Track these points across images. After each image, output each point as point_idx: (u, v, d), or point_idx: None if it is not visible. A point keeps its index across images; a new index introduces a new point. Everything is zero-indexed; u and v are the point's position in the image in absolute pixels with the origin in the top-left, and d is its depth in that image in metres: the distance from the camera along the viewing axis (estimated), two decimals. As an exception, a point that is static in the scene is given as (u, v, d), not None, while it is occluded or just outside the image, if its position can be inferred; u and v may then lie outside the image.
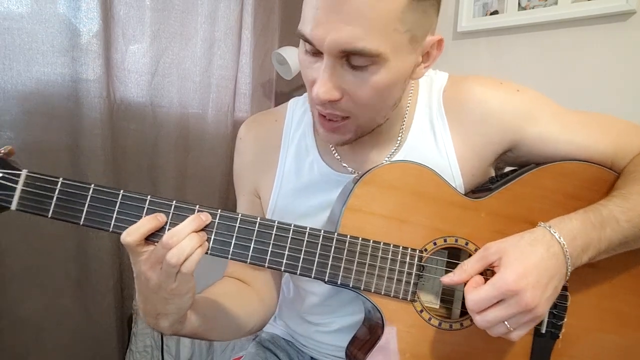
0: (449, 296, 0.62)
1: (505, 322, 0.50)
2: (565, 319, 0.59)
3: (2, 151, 0.54)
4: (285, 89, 1.83)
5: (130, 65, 1.36)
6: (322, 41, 0.50)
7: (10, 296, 1.18)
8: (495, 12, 1.45)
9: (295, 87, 1.85)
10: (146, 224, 0.51)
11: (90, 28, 1.22)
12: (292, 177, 0.70)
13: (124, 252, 1.40)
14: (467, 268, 0.53)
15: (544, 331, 0.59)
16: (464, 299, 0.52)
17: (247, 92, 1.67)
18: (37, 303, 1.23)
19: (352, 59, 0.51)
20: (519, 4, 1.40)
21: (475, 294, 0.50)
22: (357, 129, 0.59)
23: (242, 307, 0.70)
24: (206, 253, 0.53)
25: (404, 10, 0.49)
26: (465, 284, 0.53)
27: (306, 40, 0.52)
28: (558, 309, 0.59)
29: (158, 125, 1.44)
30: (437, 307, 0.61)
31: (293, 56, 1.54)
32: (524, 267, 0.50)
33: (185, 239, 0.50)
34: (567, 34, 1.32)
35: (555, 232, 0.52)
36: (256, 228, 0.55)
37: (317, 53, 0.53)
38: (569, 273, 0.52)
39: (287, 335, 0.83)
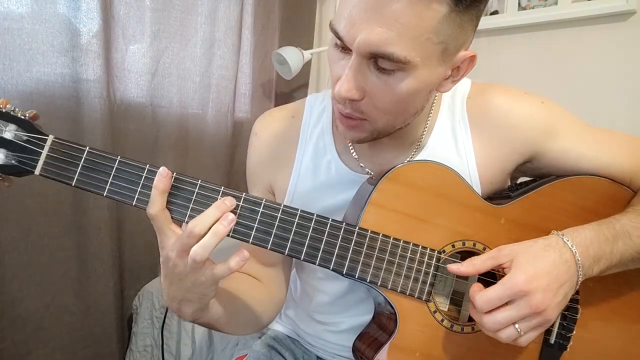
0: (459, 298, 0.63)
1: (516, 326, 0.50)
2: (574, 331, 0.59)
3: (28, 114, 0.53)
4: (285, 89, 1.83)
5: (130, 65, 1.36)
6: (352, 39, 0.49)
7: (11, 295, 1.18)
8: (495, 12, 1.45)
9: (295, 87, 1.85)
10: (159, 190, 0.51)
11: (90, 28, 1.22)
12: (309, 175, 0.70)
13: (124, 251, 1.40)
14: (476, 263, 0.54)
15: (552, 341, 0.59)
16: None
17: (247, 92, 1.67)
18: (37, 302, 1.23)
19: (379, 61, 0.50)
20: (519, 4, 1.39)
21: (485, 294, 0.50)
22: (373, 131, 0.59)
23: (257, 302, 0.70)
24: (228, 235, 0.53)
25: (441, 21, 0.48)
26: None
27: (337, 36, 0.51)
28: (568, 321, 0.59)
29: (158, 125, 1.44)
30: (446, 309, 0.61)
31: (293, 56, 1.54)
32: (535, 269, 0.50)
33: (208, 234, 0.50)
34: (567, 34, 1.32)
35: (568, 241, 0.53)
36: (279, 214, 0.54)
37: (345, 49, 0.52)
38: (579, 282, 0.53)
39: (294, 334, 0.83)
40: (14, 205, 1.16)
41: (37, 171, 0.52)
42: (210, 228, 0.50)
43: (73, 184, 0.52)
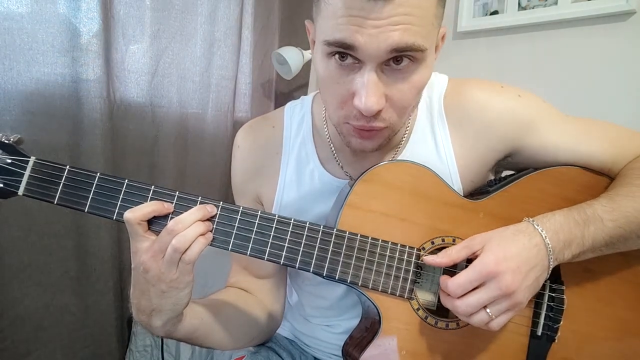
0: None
1: (487, 310, 0.50)
2: (561, 322, 0.59)
3: (12, 139, 0.55)
4: (285, 89, 1.83)
5: (130, 65, 1.36)
6: (368, 46, 0.48)
7: (10, 295, 1.18)
8: (495, 12, 1.45)
9: (295, 87, 1.85)
10: (150, 205, 0.52)
11: (90, 28, 1.22)
12: (293, 186, 0.69)
13: (124, 251, 1.40)
14: (451, 253, 0.54)
15: (539, 333, 0.59)
16: None
17: (247, 92, 1.67)
18: (37, 302, 1.23)
19: (392, 62, 0.50)
20: (519, 4, 1.39)
21: (456, 278, 0.51)
22: (390, 135, 0.58)
23: (244, 315, 0.69)
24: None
25: (437, 5, 0.50)
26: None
27: (346, 48, 0.49)
28: (554, 312, 0.59)
29: (158, 125, 1.44)
30: (435, 307, 0.61)
31: (293, 56, 1.54)
32: (504, 252, 0.51)
33: (190, 227, 0.51)
34: (567, 34, 1.32)
35: (538, 226, 0.54)
36: (257, 221, 0.55)
37: (353, 63, 0.50)
38: (551, 266, 0.53)
39: (291, 335, 0.83)
40: (14, 205, 1.16)
41: (20, 192, 0.54)
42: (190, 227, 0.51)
43: (55, 202, 0.54)
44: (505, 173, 0.71)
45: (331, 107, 0.56)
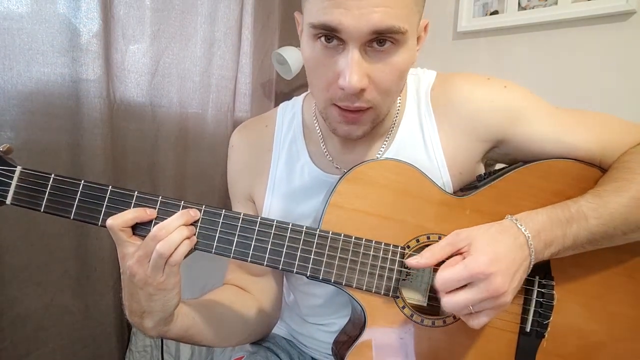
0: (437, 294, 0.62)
1: (470, 307, 0.49)
2: (551, 318, 0.58)
3: (1, 149, 0.56)
4: (285, 89, 1.83)
5: (130, 65, 1.36)
6: (351, 27, 0.50)
7: (10, 295, 1.18)
8: (495, 12, 1.45)
9: (295, 87, 1.85)
10: (132, 212, 0.53)
11: (90, 28, 1.22)
12: (284, 182, 0.70)
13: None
14: (435, 251, 0.52)
15: (528, 330, 0.58)
16: None
17: (247, 92, 1.67)
18: (37, 302, 1.23)
19: (375, 43, 0.52)
20: (519, 4, 1.40)
21: (446, 273, 0.49)
22: (375, 119, 0.59)
23: (237, 313, 0.69)
24: (192, 249, 0.55)
25: None
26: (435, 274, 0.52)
27: (330, 30, 0.51)
28: (544, 308, 0.58)
29: (158, 125, 1.44)
30: (425, 305, 0.61)
31: (293, 56, 1.54)
32: (495, 252, 0.50)
33: (174, 231, 0.52)
34: (567, 34, 1.32)
35: (521, 226, 0.53)
36: (239, 224, 0.55)
37: (338, 44, 0.52)
38: (531, 266, 0.53)
39: (289, 335, 0.83)
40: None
41: (8, 201, 0.55)
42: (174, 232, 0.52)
43: (42, 210, 0.55)
44: (498, 166, 0.70)
45: (317, 90, 0.58)
